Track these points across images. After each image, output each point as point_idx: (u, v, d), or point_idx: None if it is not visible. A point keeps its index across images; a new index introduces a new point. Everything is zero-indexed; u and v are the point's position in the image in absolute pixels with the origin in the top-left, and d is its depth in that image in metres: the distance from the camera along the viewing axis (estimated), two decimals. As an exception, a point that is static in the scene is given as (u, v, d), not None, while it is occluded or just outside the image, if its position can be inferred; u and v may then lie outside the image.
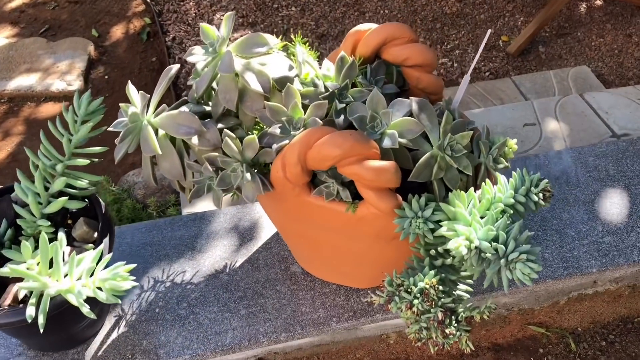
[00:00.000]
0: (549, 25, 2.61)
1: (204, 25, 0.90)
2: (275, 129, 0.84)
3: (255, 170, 0.87)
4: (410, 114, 0.84)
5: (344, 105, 0.86)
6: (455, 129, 0.86)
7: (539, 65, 2.46)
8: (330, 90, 0.86)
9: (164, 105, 0.93)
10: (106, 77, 2.42)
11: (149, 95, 0.89)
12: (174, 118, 0.87)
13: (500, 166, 0.89)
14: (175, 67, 0.90)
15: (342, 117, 0.86)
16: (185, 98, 0.95)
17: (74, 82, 2.33)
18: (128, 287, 0.75)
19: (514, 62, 2.48)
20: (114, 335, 0.99)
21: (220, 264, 1.08)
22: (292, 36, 0.98)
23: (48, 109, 2.28)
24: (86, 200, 0.94)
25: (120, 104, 0.90)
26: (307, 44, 0.98)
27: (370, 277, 1.02)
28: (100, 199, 0.94)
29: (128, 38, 2.62)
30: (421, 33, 2.60)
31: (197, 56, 0.89)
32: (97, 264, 0.76)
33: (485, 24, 2.65)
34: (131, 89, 0.89)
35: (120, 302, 0.73)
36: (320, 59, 0.94)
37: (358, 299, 1.03)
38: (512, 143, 0.90)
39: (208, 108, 0.93)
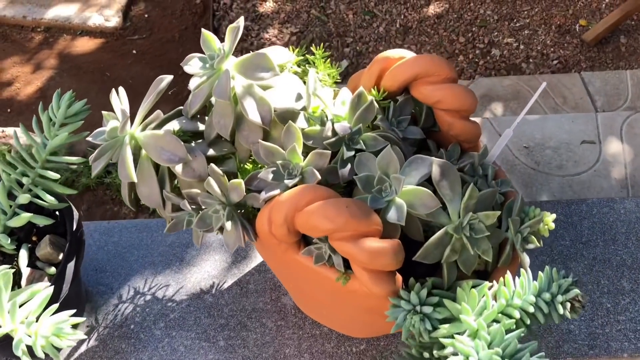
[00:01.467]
0: (638, 14, 2.32)
1: (205, 32, 0.77)
2: (268, 174, 0.71)
3: (241, 211, 0.76)
4: (430, 177, 0.70)
5: (353, 152, 0.73)
6: (482, 201, 0.71)
7: (616, 59, 2.20)
8: (340, 134, 0.72)
9: (158, 112, 0.82)
10: (146, 15, 2.29)
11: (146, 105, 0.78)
12: (157, 140, 0.75)
13: (531, 246, 0.75)
14: (167, 78, 0.77)
15: (348, 167, 0.72)
16: (181, 108, 0.83)
17: (112, 17, 2.22)
18: (71, 343, 0.66)
19: (588, 52, 2.23)
20: (82, 348, 0.92)
21: (207, 283, 0.99)
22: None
23: (83, 44, 2.19)
24: (57, 213, 0.85)
25: (103, 112, 0.79)
26: (328, 61, 0.84)
27: (364, 331, 0.91)
28: (74, 212, 0.85)
29: (175, -26, 2.47)
30: (489, 5, 2.35)
31: (194, 68, 0.76)
32: (47, 306, 0.68)
33: (564, 2, 2.37)
34: (114, 99, 0.77)
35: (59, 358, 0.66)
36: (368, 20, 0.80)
37: (350, 349, 0.93)
38: (549, 220, 0.75)
39: (202, 126, 0.81)
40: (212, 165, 0.74)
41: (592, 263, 1.03)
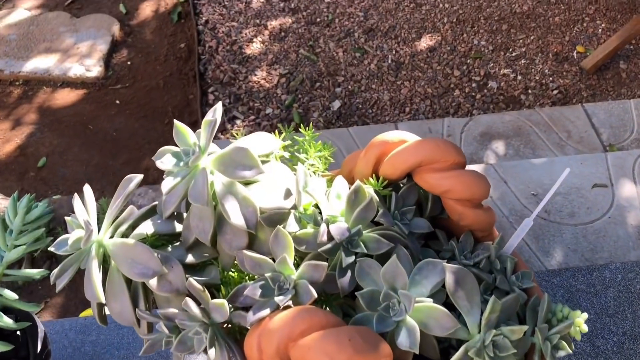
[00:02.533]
0: (636, 39, 2.25)
1: (178, 124, 0.68)
2: (255, 290, 0.62)
3: (228, 326, 0.66)
4: (443, 284, 0.61)
5: (353, 257, 0.63)
6: (505, 309, 0.62)
7: (617, 86, 2.12)
8: (336, 239, 0.62)
9: (131, 208, 0.72)
10: (129, 62, 2.21)
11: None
12: (127, 250, 0.65)
13: (562, 353, 0.65)
14: (137, 179, 0.68)
15: (348, 275, 0.63)
16: (156, 203, 0.73)
17: (94, 67, 2.14)
18: None
19: (588, 80, 2.15)
20: None
21: (196, 386, 0.89)
22: (321, 46, 0.75)
23: (64, 96, 2.10)
24: (19, 333, 0.75)
25: (66, 218, 0.69)
26: (320, 143, 0.75)
27: None
28: (40, 329, 0.75)
29: (158, 17, 2.40)
30: (483, 35, 2.28)
31: (167, 165, 0.66)
32: None
33: (559, 28, 2.30)
34: (76, 203, 0.68)
35: None
36: (363, 57, 0.71)
37: None
38: (581, 322, 0.65)
39: (180, 227, 0.71)
40: (191, 279, 0.64)
41: (622, 339, 0.93)
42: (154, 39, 2.29)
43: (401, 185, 0.73)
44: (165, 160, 0.67)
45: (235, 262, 0.68)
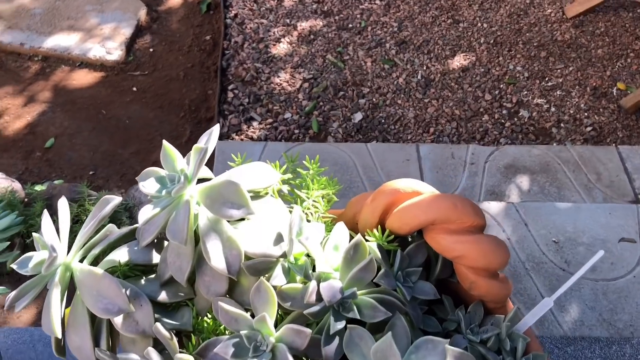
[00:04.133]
0: (680, 81, 2.13)
1: (166, 145, 0.60)
2: (227, 348, 0.54)
3: (197, 380, 0.59)
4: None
5: (344, 323, 0.55)
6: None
7: (656, 130, 2.01)
8: (326, 302, 0.54)
9: (110, 227, 0.66)
10: (151, 49, 2.15)
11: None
12: (94, 281, 0.58)
13: None
14: (115, 201, 0.61)
15: (335, 343, 0.55)
16: (136, 226, 0.66)
17: (115, 50, 2.08)
18: None
19: (626, 120, 2.04)
20: None
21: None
22: (354, 50, 0.67)
23: (81, 77, 2.05)
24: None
25: (34, 235, 0.62)
26: (324, 179, 0.67)
27: None
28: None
29: (186, 6, 2.33)
30: (520, 60, 2.18)
31: (149, 189, 0.59)
32: None
33: (601, 61, 2.19)
34: (45, 222, 0.61)
35: None
36: (390, 69, 0.63)
37: None
38: None
39: (157, 258, 0.64)
40: (158, 325, 0.57)
41: None
42: (180, 28, 2.23)
43: (409, 239, 0.65)
44: (148, 184, 0.59)
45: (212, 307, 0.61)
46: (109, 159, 1.85)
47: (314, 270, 0.58)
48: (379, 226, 0.62)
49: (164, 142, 0.61)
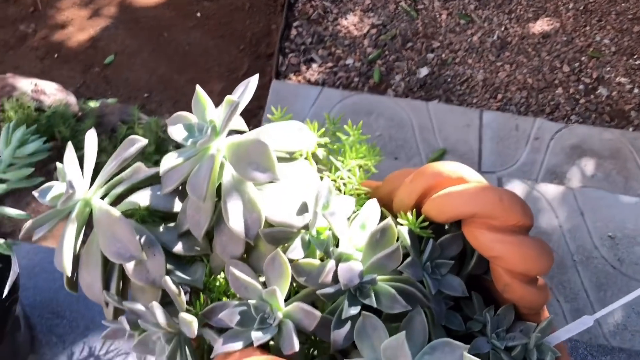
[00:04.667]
0: None
1: (199, 91, 0.57)
2: (233, 315, 0.51)
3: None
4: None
5: (359, 308, 0.51)
6: None
7: None
8: (341, 285, 0.51)
9: (138, 165, 0.64)
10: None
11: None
12: (110, 222, 0.56)
13: None
14: (140, 143, 0.58)
15: (346, 329, 0.51)
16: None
17: (185, -27, 2.03)
18: None
19: None
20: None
21: None
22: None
23: (149, -4, 2.02)
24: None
25: (57, 164, 0.61)
26: (363, 147, 0.62)
27: None
28: (13, 271, 0.68)
29: None
30: (609, 32, 2.01)
31: (178, 135, 0.56)
32: None
33: (700, 45, 2.00)
34: (68, 154, 0.59)
35: None
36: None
37: None
38: None
39: (179, 207, 0.61)
40: (167, 279, 0.55)
41: None
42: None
43: (446, 227, 0.59)
44: (176, 130, 0.56)
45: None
46: (164, 83, 1.84)
47: (337, 246, 0.54)
48: (415, 209, 0.57)
49: (197, 87, 0.57)
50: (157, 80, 1.81)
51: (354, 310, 0.51)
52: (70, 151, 0.59)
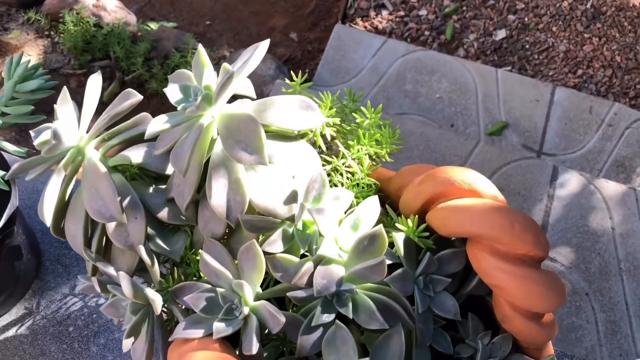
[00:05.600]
0: None
1: (201, 51, 0.51)
2: (199, 300, 0.48)
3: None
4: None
5: (333, 316, 0.47)
6: None
7: None
8: (315, 291, 0.46)
9: (143, 115, 0.60)
10: None
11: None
12: (95, 177, 0.54)
13: None
14: (134, 99, 0.54)
15: (315, 336, 0.47)
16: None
17: None
18: None
19: None
20: (11, 332, 0.80)
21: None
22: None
23: None
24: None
25: (55, 106, 0.58)
26: (375, 134, 0.56)
27: None
28: (11, 204, 0.67)
29: None
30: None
31: (173, 96, 0.51)
32: None
33: None
34: (63, 94, 0.55)
35: None
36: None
37: None
38: None
39: (171, 169, 0.57)
40: (141, 247, 0.52)
41: None
42: None
43: (452, 239, 0.53)
44: (172, 90, 0.51)
45: (210, 242, 0.55)
46: (228, 12, 1.79)
47: (317, 248, 0.49)
48: (419, 215, 0.51)
49: (199, 46, 0.52)
50: (220, 9, 1.76)
51: (327, 317, 0.47)
52: (64, 94, 0.56)
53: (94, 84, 0.58)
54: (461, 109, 1.52)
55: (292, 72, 0.63)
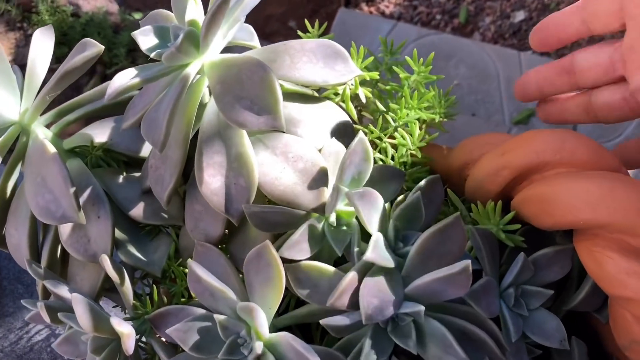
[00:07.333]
0: None
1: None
2: (190, 332, 0.33)
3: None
4: None
5: (388, 354, 0.32)
6: None
7: None
8: (364, 317, 0.30)
9: (102, 89, 0.45)
10: None
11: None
12: (43, 162, 0.38)
13: None
14: (94, 49, 0.38)
15: (362, 382, 0.32)
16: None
17: None
18: None
19: None
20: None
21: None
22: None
23: None
24: None
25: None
26: (428, 98, 0.41)
27: None
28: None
29: None
30: None
31: (145, 43, 0.36)
32: None
33: None
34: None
35: None
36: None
37: None
38: None
39: (148, 150, 0.42)
40: (105, 258, 0.36)
41: None
42: None
43: (545, 234, 0.38)
44: (144, 35, 0.36)
45: (204, 248, 0.39)
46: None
47: (359, 250, 0.33)
48: (500, 200, 0.36)
49: (181, -31, 0.36)
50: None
51: (382, 354, 0.31)
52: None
53: (42, 40, 0.43)
54: (483, 96, 1.37)
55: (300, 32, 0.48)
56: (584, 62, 0.40)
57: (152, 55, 0.34)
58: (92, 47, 0.38)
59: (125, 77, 0.34)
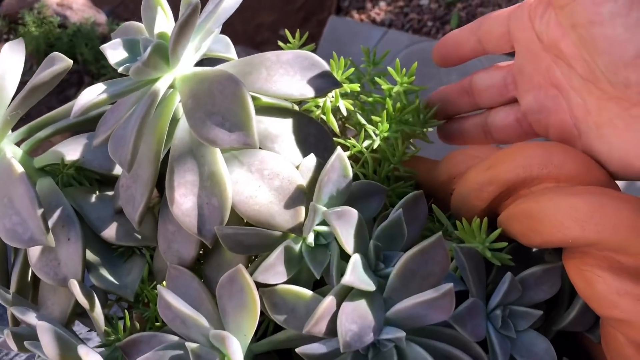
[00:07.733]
0: None
1: (153, -10, 0.35)
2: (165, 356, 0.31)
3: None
4: None
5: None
6: None
7: None
8: (342, 345, 0.29)
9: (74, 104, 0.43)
10: None
11: None
12: (10, 182, 0.37)
13: None
14: (63, 64, 0.36)
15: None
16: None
17: None
18: None
19: None
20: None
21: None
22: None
23: None
24: None
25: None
26: (410, 110, 0.40)
27: None
28: None
29: None
30: None
31: (114, 57, 0.34)
32: None
33: None
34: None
35: None
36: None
37: None
38: None
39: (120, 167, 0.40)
40: (74, 282, 0.35)
41: None
42: None
43: (532, 251, 0.36)
44: (112, 47, 0.35)
45: (179, 270, 0.38)
46: (210, 10, 1.63)
47: (338, 272, 0.32)
48: (486, 216, 0.34)
49: (150, -19, 0.35)
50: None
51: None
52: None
53: (12, 54, 0.41)
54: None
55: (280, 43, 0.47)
56: (481, 82, 0.39)
57: (120, 69, 0.33)
58: (61, 62, 0.36)
59: (93, 93, 0.32)
